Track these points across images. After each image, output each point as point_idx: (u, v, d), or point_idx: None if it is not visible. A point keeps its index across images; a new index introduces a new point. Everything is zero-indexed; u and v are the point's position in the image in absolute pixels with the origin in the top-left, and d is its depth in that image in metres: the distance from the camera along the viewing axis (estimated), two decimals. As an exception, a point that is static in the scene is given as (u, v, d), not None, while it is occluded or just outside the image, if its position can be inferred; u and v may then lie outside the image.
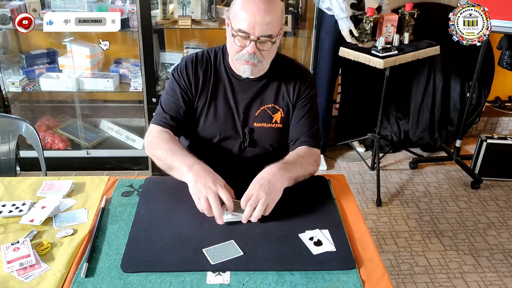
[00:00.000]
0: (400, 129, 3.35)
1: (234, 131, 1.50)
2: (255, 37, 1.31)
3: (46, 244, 1.16)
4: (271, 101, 1.48)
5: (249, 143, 1.50)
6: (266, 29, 1.30)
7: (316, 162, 1.45)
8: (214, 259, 1.11)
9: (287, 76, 1.49)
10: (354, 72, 3.17)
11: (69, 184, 1.41)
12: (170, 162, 1.32)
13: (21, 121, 1.84)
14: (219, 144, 1.51)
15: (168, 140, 1.39)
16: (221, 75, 1.48)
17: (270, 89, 1.48)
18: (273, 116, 1.49)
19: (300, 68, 1.54)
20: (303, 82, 1.49)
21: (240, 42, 1.34)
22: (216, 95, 1.48)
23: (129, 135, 3.14)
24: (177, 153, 1.33)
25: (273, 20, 1.31)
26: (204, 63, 1.48)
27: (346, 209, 1.35)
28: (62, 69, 2.95)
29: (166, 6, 2.84)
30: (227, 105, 1.48)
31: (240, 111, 1.48)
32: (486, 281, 2.21)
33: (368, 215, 2.67)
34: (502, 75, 3.40)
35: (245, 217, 1.21)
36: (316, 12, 2.83)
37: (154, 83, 2.80)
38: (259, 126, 1.49)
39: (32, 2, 2.79)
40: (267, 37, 1.32)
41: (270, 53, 1.38)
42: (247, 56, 1.34)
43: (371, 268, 1.12)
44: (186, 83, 1.47)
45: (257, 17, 1.28)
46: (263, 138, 1.50)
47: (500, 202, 2.84)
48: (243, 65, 1.37)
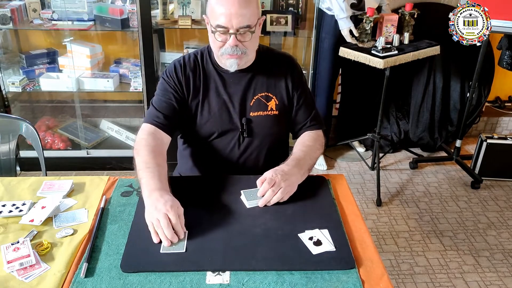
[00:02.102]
0: (400, 129, 3.35)
1: (231, 123, 1.51)
2: (234, 30, 1.34)
3: (46, 244, 1.16)
4: (263, 89, 1.51)
5: (248, 133, 1.52)
6: (243, 20, 1.33)
7: (321, 145, 1.55)
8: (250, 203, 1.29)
9: (273, 65, 1.53)
10: (354, 72, 3.17)
11: (69, 184, 1.41)
12: (140, 177, 1.30)
13: (21, 121, 1.84)
14: (219, 139, 1.53)
15: (150, 150, 1.36)
16: (210, 72, 1.51)
17: (261, 79, 1.51)
18: (268, 104, 1.52)
19: (283, 55, 1.58)
20: (293, 68, 1.55)
21: (221, 37, 1.37)
22: (207, 92, 1.50)
23: (129, 135, 3.14)
24: (149, 169, 1.29)
25: (249, 11, 1.34)
26: (192, 63, 1.51)
27: (346, 209, 1.35)
28: (62, 69, 2.95)
29: (166, 6, 2.84)
30: (221, 100, 1.50)
31: (235, 103, 1.50)
32: (486, 281, 2.21)
33: (368, 215, 2.67)
34: (502, 75, 3.40)
35: (265, 200, 1.29)
36: (316, 12, 2.83)
37: (154, 83, 2.80)
38: (256, 115, 1.51)
39: (32, 2, 2.79)
40: (245, 28, 1.35)
41: (252, 43, 1.41)
42: (230, 49, 1.37)
43: (370, 268, 1.12)
44: (176, 84, 1.49)
45: (232, 10, 1.32)
46: (261, 126, 1.52)
47: (500, 202, 2.83)
48: (228, 60, 1.40)
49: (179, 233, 1.16)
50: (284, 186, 1.30)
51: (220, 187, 1.40)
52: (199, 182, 1.45)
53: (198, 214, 1.28)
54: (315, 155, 1.49)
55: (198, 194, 1.37)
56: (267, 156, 1.57)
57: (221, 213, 1.28)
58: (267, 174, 1.32)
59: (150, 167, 1.30)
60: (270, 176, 1.31)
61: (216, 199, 1.35)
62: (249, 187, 1.37)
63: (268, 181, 1.30)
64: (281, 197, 1.30)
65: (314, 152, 1.50)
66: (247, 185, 1.38)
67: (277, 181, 1.30)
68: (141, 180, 1.28)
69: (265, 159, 1.56)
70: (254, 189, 1.35)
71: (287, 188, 1.31)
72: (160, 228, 1.15)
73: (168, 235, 1.14)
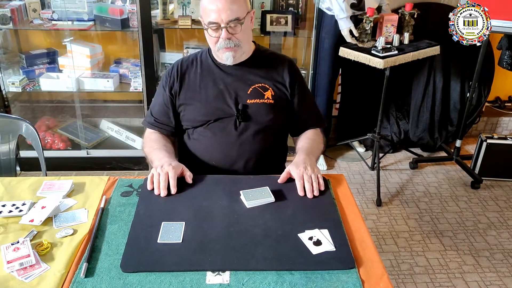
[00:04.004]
0: (400, 129, 3.35)
1: (227, 110, 1.57)
2: (225, 24, 1.44)
3: (46, 244, 1.16)
4: (260, 81, 1.59)
5: (244, 118, 1.57)
6: (231, 13, 1.43)
7: (322, 140, 1.66)
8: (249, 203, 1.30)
9: (272, 63, 1.62)
10: (354, 72, 3.17)
11: (69, 184, 1.41)
12: (150, 157, 1.54)
13: (21, 121, 1.84)
14: (215, 124, 1.58)
15: (155, 140, 1.59)
16: (209, 66, 1.61)
17: (258, 71, 1.59)
18: (264, 94, 1.58)
19: (284, 57, 1.66)
20: (292, 70, 1.62)
21: (214, 33, 1.48)
22: (205, 82, 1.59)
23: (129, 135, 3.14)
24: (157, 150, 1.53)
25: (236, 5, 1.44)
26: (191, 59, 1.63)
27: (346, 209, 1.35)
28: (62, 69, 2.95)
29: (166, 6, 2.84)
30: (217, 89, 1.58)
31: (231, 91, 1.57)
32: (486, 281, 2.21)
33: (368, 215, 2.67)
34: (502, 75, 3.39)
35: (309, 190, 1.36)
36: (316, 12, 2.83)
37: (154, 83, 2.80)
38: (253, 102, 1.57)
39: (32, 2, 2.79)
40: (235, 21, 1.45)
41: (245, 35, 1.50)
42: (224, 43, 1.47)
43: (370, 267, 1.12)
44: (170, 82, 1.61)
45: (220, 6, 1.42)
46: (257, 113, 1.58)
47: (500, 202, 2.83)
48: (224, 53, 1.50)
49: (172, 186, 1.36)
50: (313, 172, 1.40)
51: (220, 187, 1.40)
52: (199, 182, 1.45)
53: (198, 214, 1.28)
54: (319, 147, 1.60)
55: (198, 194, 1.37)
56: (263, 142, 1.60)
57: (221, 213, 1.28)
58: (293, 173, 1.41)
59: (157, 148, 1.54)
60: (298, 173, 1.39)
61: (216, 199, 1.35)
62: (249, 187, 1.37)
63: (299, 178, 1.38)
64: (318, 181, 1.39)
65: (318, 144, 1.61)
66: (247, 185, 1.38)
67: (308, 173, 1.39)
68: (152, 159, 1.51)
69: (261, 145, 1.60)
70: (254, 189, 1.36)
71: (317, 172, 1.42)
72: (158, 179, 1.36)
73: (161, 185, 1.35)
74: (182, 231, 1.20)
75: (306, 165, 1.42)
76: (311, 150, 1.53)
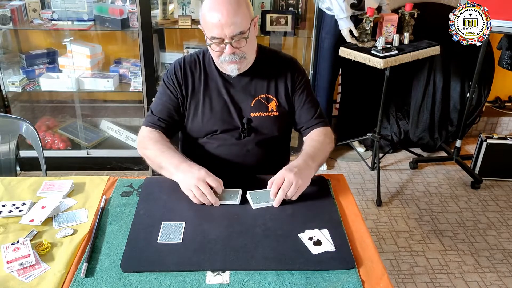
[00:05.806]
0: (400, 129, 3.35)
1: (232, 123, 1.53)
2: (228, 39, 1.37)
3: (46, 244, 1.16)
4: (263, 91, 1.54)
5: (248, 132, 1.54)
6: (235, 28, 1.35)
7: (331, 139, 1.56)
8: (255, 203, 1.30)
9: (275, 67, 1.55)
10: (354, 72, 3.17)
11: (69, 184, 1.41)
12: (159, 162, 1.40)
13: (21, 121, 1.84)
14: (219, 136, 1.55)
15: (157, 140, 1.46)
16: (211, 72, 1.53)
17: (261, 81, 1.54)
18: (268, 105, 1.54)
19: (286, 58, 1.60)
20: (294, 70, 1.56)
21: (217, 47, 1.40)
22: (209, 91, 1.53)
23: (129, 135, 3.14)
24: (165, 152, 1.41)
25: (239, 18, 1.35)
26: (193, 63, 1.55)
27: (346, 209, 1.35)
28: (62, 69, 2.95)
29: (166, 6, 2.84)
30: (222, 100, 1.53)
31: (236, 104, 1.53)
32: (486, 281, 2.21)
33: (368, 215, 2.67)
34: (502, 75, 3.39)
35: (278, 200, 1.30)
36: (316, 12, 2.83)
37: (154, 83, 2.80)
38: (256, 116, 1.53)
39: (32, 2, 2.79)
40: (239, 35, 1.37)
41: (249, 46, 1.43)
42: (228, 57, 1.40)
43: (370, 268, 1.12)
44: (175, 84, 1.53)
45: (222, 20, 1.33)
46: (261, 126, 1.55)
47: (500, 202, 2.83)
48: (229, 66, 1.43)
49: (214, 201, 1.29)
50: (296, 180, 1.30)
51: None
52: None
53: (198, 214, 1.28)
54: (326, 149, 1.51)
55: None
56: (267, 155, 1.58)
57: (221, 213, 1.28)
58: (276, 175, 1.33)
59: (165, 151, 1.41)
60: (278, 176, 1.32)
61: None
62: (249, 187, 1.37)
63: (276, 181, 1.31)
64: (294, 192, 1.30)
65: (324, 146, 1.51)
66: (247, 185, 1.38)
67: (289, 178, 1.30)
68: (161, 164, 1.39)
69: (265, 158, 1.58)
70: (261, 191, 1.35)
71: (299, 182, 1.31)
72: (203, 195, 1.28)
73: (212, 201, 1.28)
74: (182, 231, 1.20)
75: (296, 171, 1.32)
76: (313, 155, 1.43)
